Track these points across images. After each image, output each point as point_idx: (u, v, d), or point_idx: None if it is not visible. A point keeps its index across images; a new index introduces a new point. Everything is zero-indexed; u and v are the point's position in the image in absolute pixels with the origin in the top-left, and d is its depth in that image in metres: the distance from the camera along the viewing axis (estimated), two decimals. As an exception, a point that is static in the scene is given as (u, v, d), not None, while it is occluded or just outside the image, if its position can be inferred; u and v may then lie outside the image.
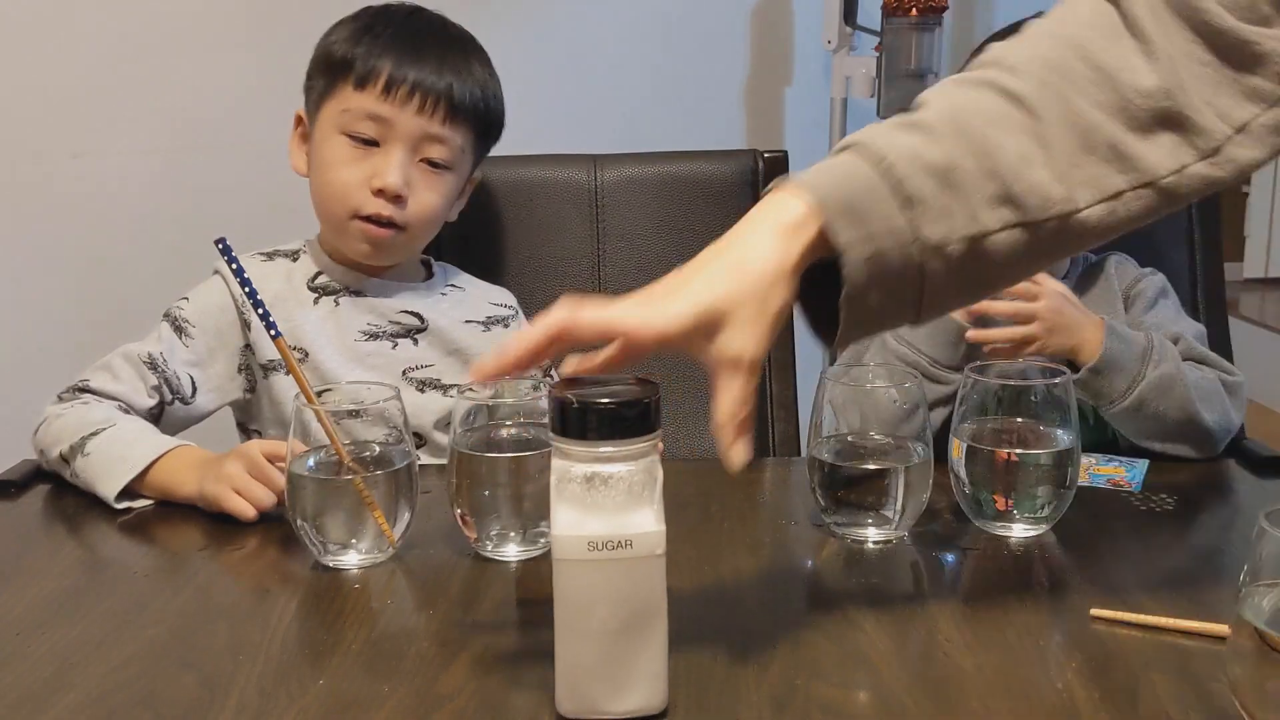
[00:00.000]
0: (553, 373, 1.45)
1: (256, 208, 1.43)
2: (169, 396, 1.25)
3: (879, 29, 2.22)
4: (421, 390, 1.32)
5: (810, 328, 0.82)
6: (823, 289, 0.78)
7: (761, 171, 1.57)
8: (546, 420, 0.73)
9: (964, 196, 0.76)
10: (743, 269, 0.76)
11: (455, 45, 1.33)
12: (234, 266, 1.04)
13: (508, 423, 1.01)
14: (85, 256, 2.11)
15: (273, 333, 1.03)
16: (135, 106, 2.08)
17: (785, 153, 1.59)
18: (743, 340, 0.74)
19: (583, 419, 0.71)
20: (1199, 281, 1.54)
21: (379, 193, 1.26)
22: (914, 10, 2.16)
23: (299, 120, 1.36)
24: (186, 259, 1.36)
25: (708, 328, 0.75)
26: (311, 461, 0.99)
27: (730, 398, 0.75)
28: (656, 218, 1.56)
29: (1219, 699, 0.75)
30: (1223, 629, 0.77)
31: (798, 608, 0.92)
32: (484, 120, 1.34)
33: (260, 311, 1.03)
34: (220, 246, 1.05)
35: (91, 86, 2.05)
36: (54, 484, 1.19)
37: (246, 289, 1.03)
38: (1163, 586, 0.93)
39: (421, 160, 1.29)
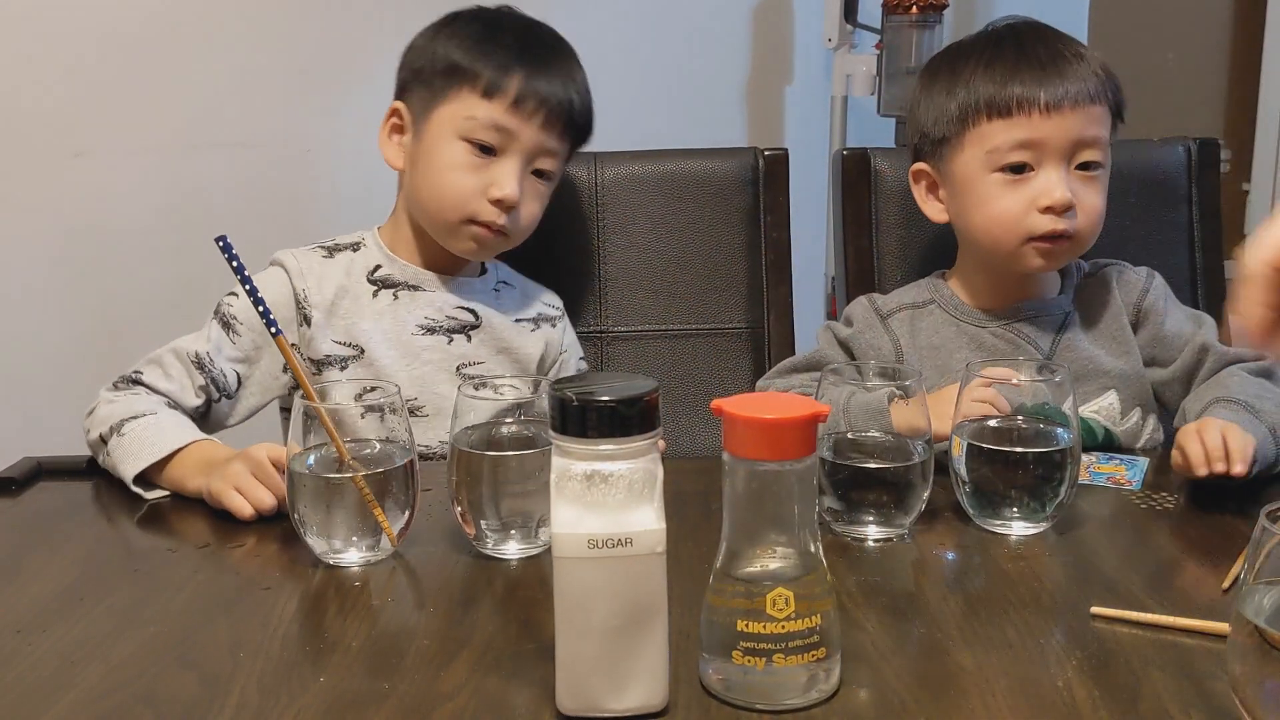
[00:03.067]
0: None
1: (259, 206, 1.44)
2: (215, 394, 1.28)
3: (879, 27, 2.22)
4: (477, 388, 1.32)
5: None
6: None
7: (762, 169, 1.57)
8: (547, 418, 0.73)
9: None
10: None
11: (567, 55, 1.36)
12: (234, 265, 1.04)
13: (508, 420, 1.01)
14: (87, 255, 2.11)
15: (273, 331, 1.03)
16: (137, 105, 2.08)
17: (785, 150, 1.59)
18: None
19: (583, 417, 0.71)
20: (1200, 280, 1.54)
21: (497, 202, 1.29)
22: (914, 8, 2.16)
23: (394, 113, 1.36)
24: (188, 258, 1.36)
25: None
26: (312, 459, 0.99)
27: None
28: (657, 215, 1.56)
29: (1219, 697, 0.75)
30: (1222, 627, 0.77)
31: (798, 606, 0.92)
32: (586, 131, 1.38)
33: (261, 310, 1.03)
34: (220, 245, 1.05)
35: (94, 85, 2.05)
36: (55, 481, 1.19)
37: (247, 287, 1.03)
38: (1163, 584, 0.93)
39: (532, 171, 1.32)
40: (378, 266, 1.36)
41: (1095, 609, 0.86)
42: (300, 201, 1.34)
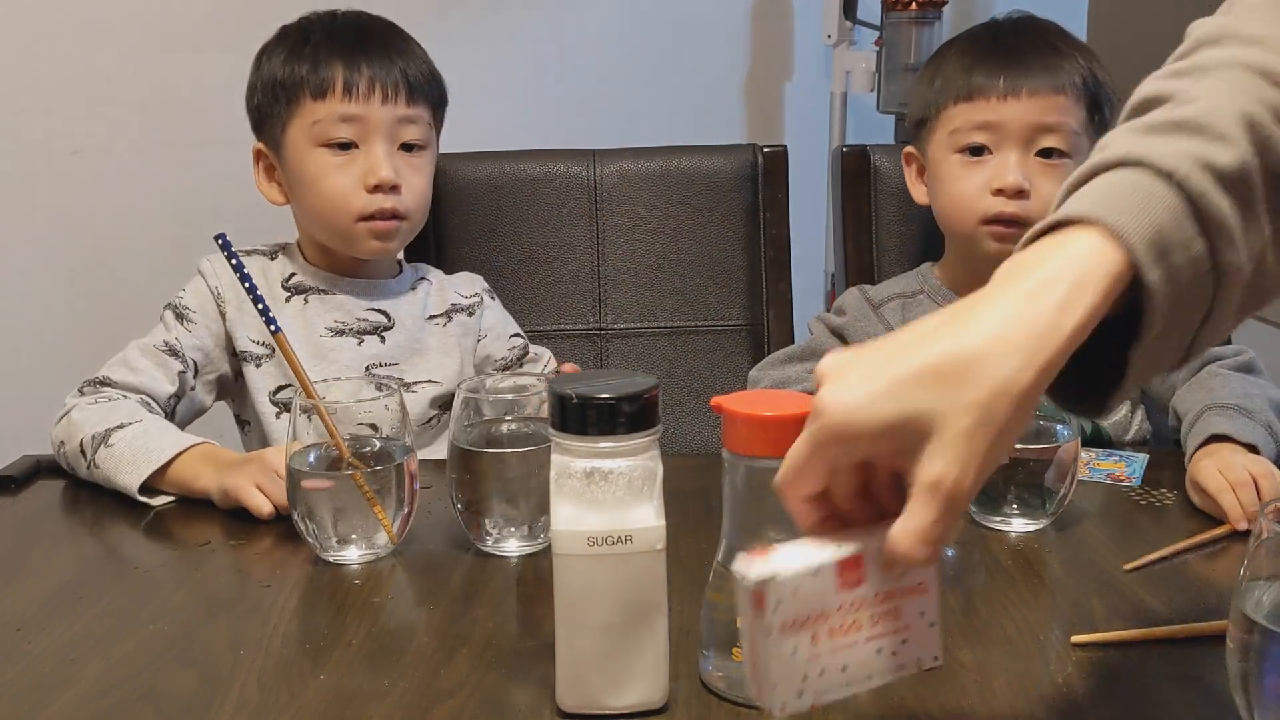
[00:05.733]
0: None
1: (256, 203, 1.44)
2: (191, 382, 1.28)
3: (879, 24, 2.22)
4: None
5: (1063, 402, 0.66)
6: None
7: (761, 166, 1.57)
8: (546, 415, 0.73)
9: (1254, 207, 0.62)
10: (970, 366, 0.56)
11: (381, 29, 1.36)
12: (234, 262, 1.04)
13: (508, 418, 1.01)
14: (85, 253, 2.11)
15: (273, 329, 1.03)
16: (135, 103, 2.08)
17: (785, 147, 1.59)
18: (945, 464, 0.56)
19: (582, 414, 0.71)
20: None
21: (375, 189, 1.29)
22: (914, 4, 2.16)
23: (259, 155, 1.36)
24: (187, 255, 1.36)
25: (906, 439, 0.57)
26: (312, 456, 0.99)
27: (919, 522, 0.57)
28: (656, 212, 1.56)
29: (1219, 693, 0.74)
30: (1214, 626, 0.77)
31: (798, 602, 0.91)
32: (438, 92, 1.37)
33: (260, 307, 1.03)
34: (220, 242, 1.05)
35: (91, 83, 2.05)
36: (54, 479, 1.19)
37: (247, 284, 1.03)
38: (1162, 581, 0.93)
39: (400, 147, 1.32)
40: (292, 274, 1.36)
41: (1076, 638, 0.83)
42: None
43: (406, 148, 1.33)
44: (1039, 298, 0.57)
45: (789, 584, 0.58)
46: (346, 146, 1.30)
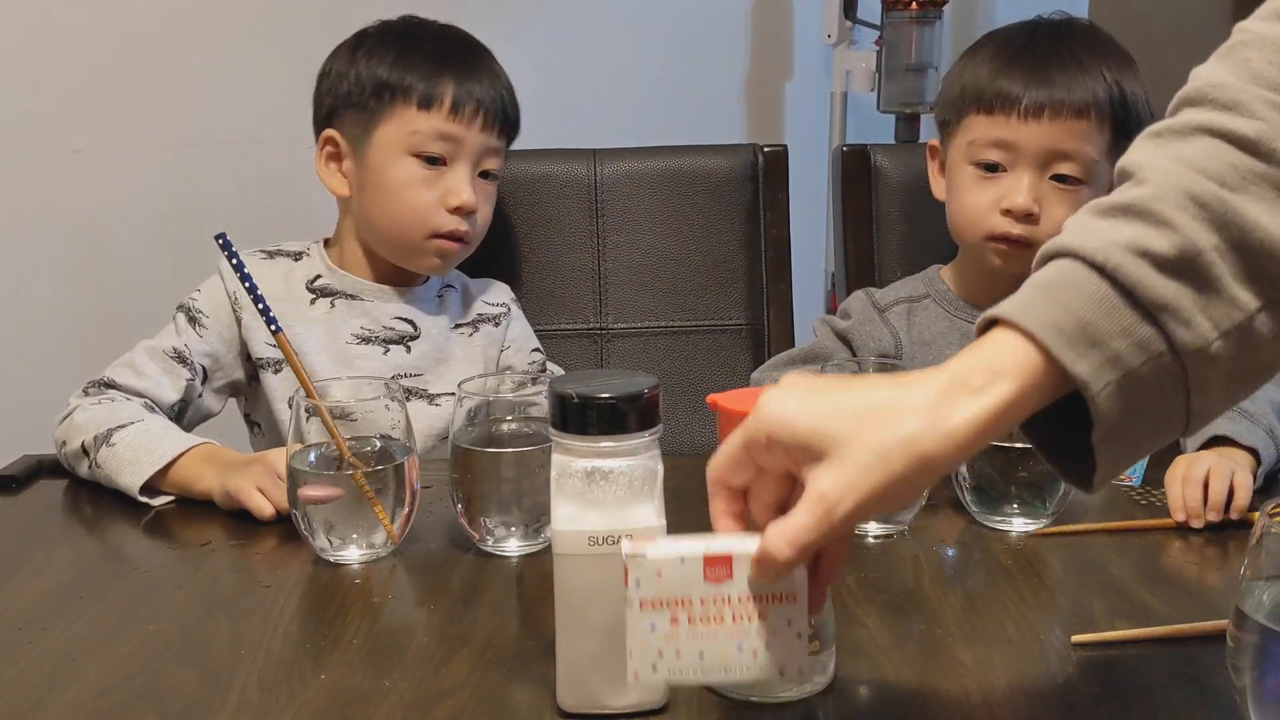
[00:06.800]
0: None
1: (259, 204, 1.44)
2: (199, 389, 1.28)
3: (879, 23, 2.22)
4: (406, 398, 1.31)
5: (1059, 472, 0.70)
6: (1067, 423, 0.66)
7: (761, 165, 1.57)
8: (547, 415, 0.73)
9: (1215, 285, 0.63)
10: (888, 413, 0.63)
11: (485, 54, 1.37)
12: (234, 262, 1.04)
13: (508, 418, 1.01)
14: (86, 252, 2.11)
15: (273, 328, 1.03)
16: (137, 102, 2.08)
17: (785, 147, 1.59)
18: (834, 483, 0.62)
19: (583, 414, 0.71)
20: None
21: (456, 210, 1.30)
22: (914, 4, 2.16)
23: (328, 141, 1.34)
24: (188, 255, 1.37)
25: (815, 452, 0.63)
26: (313, 456, 0.99)
27: (793, 524, 0.63)
28: (656, 212, 1.56)
29: (1220, 692, 0.75)
30: (1214, 626, 0.77)
31: (798, 602, 0.91)
32: (518, 126, 1.38)
33: (261, 306, 1.03)
34: (220, 242, 1.05)
35: (93, 82, 2.06)
36: (55, 479, 1.19)
37: (247, 284, 1.03)
38: (1162, 580, 0.93)
39: (479, 174, 1.33)
40: (318, 276, 1.35)
41: (1076, 638, 0.83)
42: (300, 198, 1.34)
43: (483, 174, 1.33)
44: (961, 381, 0.64)
45: (652, 565, 0.65)
46: (434, 162, 1.30)
